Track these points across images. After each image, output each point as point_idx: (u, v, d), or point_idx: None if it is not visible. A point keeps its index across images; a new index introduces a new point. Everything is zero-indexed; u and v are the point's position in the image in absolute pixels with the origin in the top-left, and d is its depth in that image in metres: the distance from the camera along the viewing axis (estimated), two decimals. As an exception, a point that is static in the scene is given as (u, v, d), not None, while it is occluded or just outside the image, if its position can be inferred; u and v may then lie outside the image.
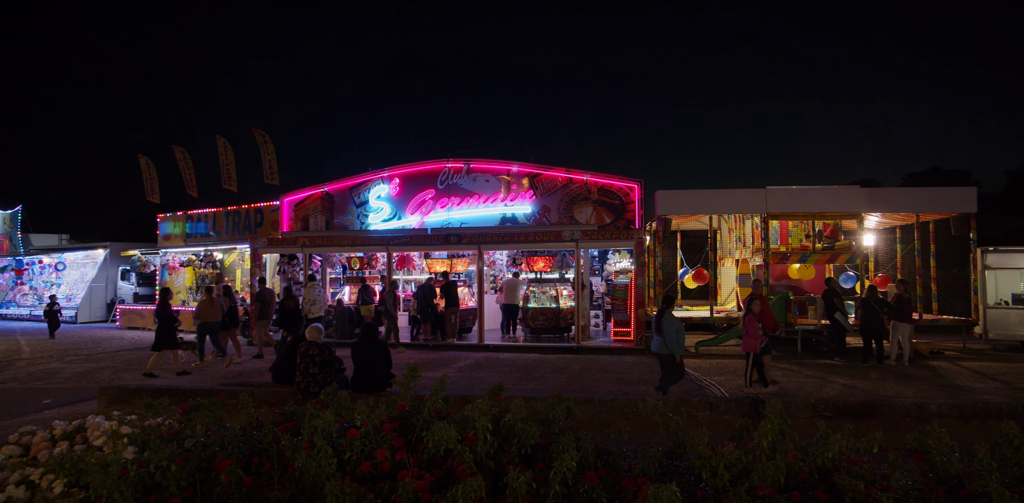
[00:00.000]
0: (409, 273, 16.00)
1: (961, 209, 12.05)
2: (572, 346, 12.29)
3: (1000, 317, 12.17)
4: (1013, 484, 3.01)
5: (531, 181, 14.23)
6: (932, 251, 12.98)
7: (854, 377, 9.14)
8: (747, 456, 3.20)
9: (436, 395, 3.73)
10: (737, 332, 12.00)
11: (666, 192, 12.52)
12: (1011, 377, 9.12)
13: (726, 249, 15.90)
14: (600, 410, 7.31)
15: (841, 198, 12.19)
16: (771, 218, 12.26)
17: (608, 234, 12.74)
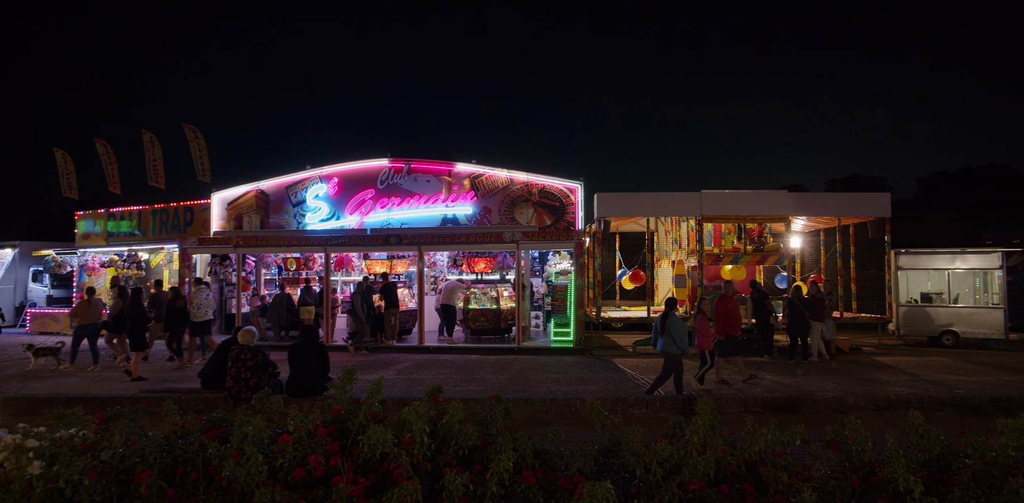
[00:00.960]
0: (348, 274, 15.68)
1: (877, 214, 12.81)
2: (512, 347, 12.34)
3: (910, 314, 13.01)
4: (917, 469, 3.22)
5: (472, 182, 14.21)
6: (852, 253, 13.74)
7: (781, 373, 9.57)
8: (679, 452, 3.28)
9: (372, 398, 3.67)
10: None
11: (605, 195, 12.76)
12: (919, 370, 9.76)
13: (663, 251, 16.34)
14: (539, 410, 7.36)
15: (770, 202, 12.74)
16: (705, 221, 12.68)
17: (549, 235, 12.87)
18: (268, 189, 15.22)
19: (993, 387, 8.33)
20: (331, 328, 13.20)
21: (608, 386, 8.59)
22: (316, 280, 15.08)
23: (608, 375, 9.52)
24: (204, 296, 11.54)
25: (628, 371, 9.74)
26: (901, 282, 13.31)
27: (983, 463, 3.10)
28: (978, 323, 12.52)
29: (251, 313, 13.72)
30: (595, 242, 13.63)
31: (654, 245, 16.46)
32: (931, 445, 3.47)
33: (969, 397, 7.66)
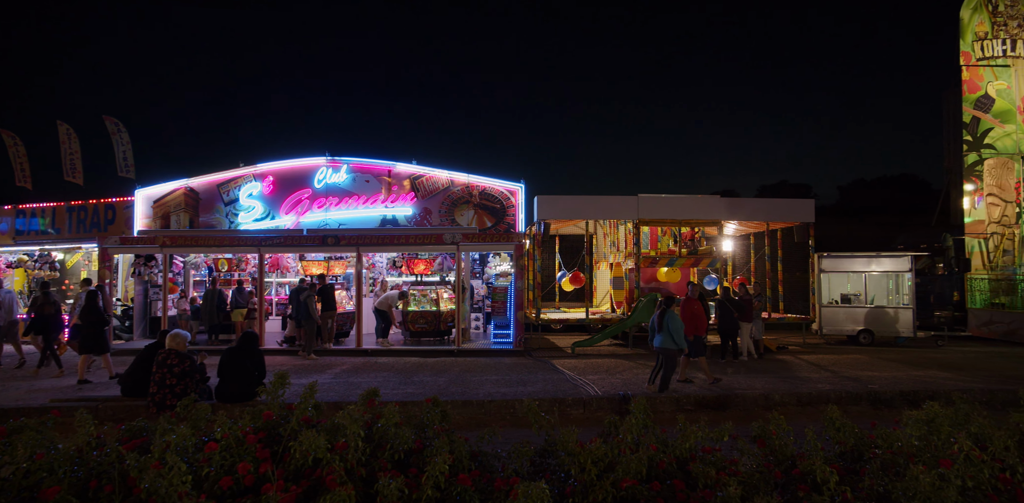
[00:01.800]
0: (283, 276, 15.22)
1: (802, 219, 13.47)
2: (452, 349, 12.28)
3: (831, 315, 13.74)
4: (834, 460, 3.40)
5: (413, 183, 14.08)
6: (779, 256, 14.39)
7: (713, 372, 9.90)
8: (613, 451, 3.35)
9: (306, 402, 3.57)
10: (612, 332, 12.60)
11: (545, 197, 12.89)
12: (839, 367, 10.32)
13: (601, 253, 16.64)
14: (478, 411, 7.36)
15: (704, 206, 13.19)
16: (642, 224, 13.00)
17: (489, 237, 12.89)
18: (198, 187, 14.59)
19: (902, 382, 8.90)
20: (263, 331, 12.78)
21: (547, 387, 8.67)
22: (249, 282, 14.57)
23: (547, 376, 9.60)
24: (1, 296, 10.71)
25: (567, 372, 9.86)
26: (823, 284, 14.03)
27: (891, 452, 3.30)
28: (890, 322, 13.34)
29: (179, 316, 13.11)
30: (535, 244, 13.74)
31: (593, 247, 16.74)
32: (846, 437, 3.67)
33: (881, 391, 8.16)
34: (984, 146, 16.22)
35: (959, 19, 16.36)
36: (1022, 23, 16.37)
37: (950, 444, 3.10)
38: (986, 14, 16.27)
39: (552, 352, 12.50)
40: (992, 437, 3.12)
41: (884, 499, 2.98)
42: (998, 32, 16.25)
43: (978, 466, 2.84)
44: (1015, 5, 16.37)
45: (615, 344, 13.61)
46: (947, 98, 19.06)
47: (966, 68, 16.26)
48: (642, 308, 12.13)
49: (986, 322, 15.04)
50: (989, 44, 16.24)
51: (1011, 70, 16.19)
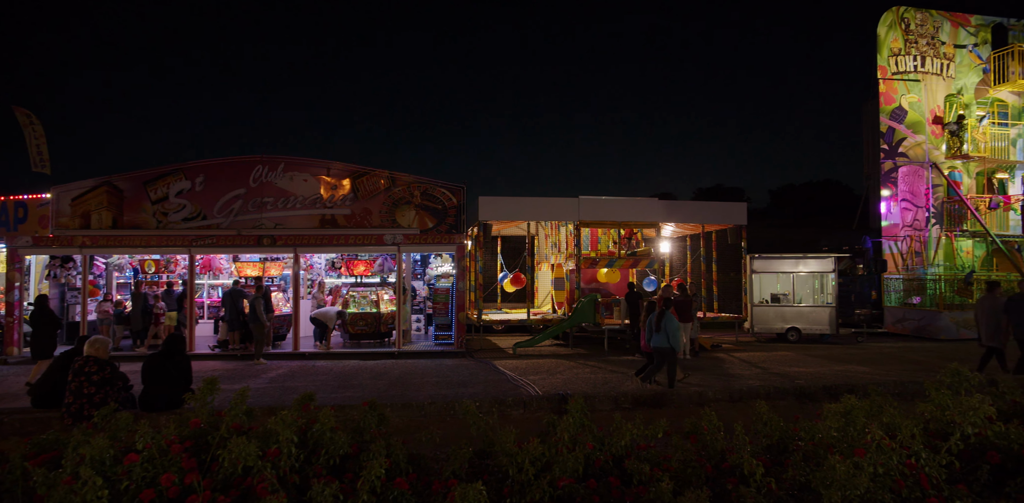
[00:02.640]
0: (216, 277, 14.64)
1: (735, 221, 13.99)
2: (393, 351, 12.13)
3: (762, 313, 14.32)
4: (761, 453, 3.54)
5: (353, 183, 13.82)
6: (714, 257, 14.90)
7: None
8: (550, 450, 3.38)
9: (236, 409, 3.45)
10: (553, 332, 12.73)
11: (488, 198, 12.91)
12: (769, 364, 10.78)
13: (543, 254, 16.79)
14: (418, 414, 7.29)
15: (643, 209, 13.52)
16: (583, 226, 13.20)
17: (431, 238, 12.80)
18: (123, 184, 13.83)
19: (825, 377, 9.37)
20: (193, 335, 12.27)
21: (488, 388, 8.68)
22: (179, 284, 13.94)
23: (488, 377, 9.61)
24: None
25: (508, 373, 9.90)
26: (755, 284, 14.62)
27: (812, 444, 3.47)
28: (816, 320, 14.03)
29: (100, 321, 12.40)
30: (477, 245, 13.75)
31: (535, 249, 16.87)
32: (773, 431, 3.83)
33: (806, 386, 8.57)
34: (898, 155, 17.28)
35: (876, 35, 17.38)
36: (930, 41, 17.55)
37: (864, 434, 3.28)
38: (900, 31, 17.35)
39: (494, 353, 12.51)
40: (901, 426, 3.33)
41: (805, 488, 3.13)
42: (910, 49, 17.37)
43: (888, 453, 3.02)
44: (924, 24, 17.54)
45: (556, 344, 13.76)
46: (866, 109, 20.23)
47: (883, 81, 17.29)
48: (582, 308, 12.31)
49: (900, 319, 16.03)
50: (903, 59, 17.33)
51: (921, 84, 17.33)
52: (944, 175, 17.03)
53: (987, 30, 18.17)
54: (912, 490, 2.99)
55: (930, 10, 17.65)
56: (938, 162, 17.11)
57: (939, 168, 17.05)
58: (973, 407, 3.31)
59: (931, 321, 15.06)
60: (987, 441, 3.34)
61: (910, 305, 16.15)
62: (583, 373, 9.91)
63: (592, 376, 9.61)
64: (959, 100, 17.60)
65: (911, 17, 17.46)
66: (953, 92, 17.62)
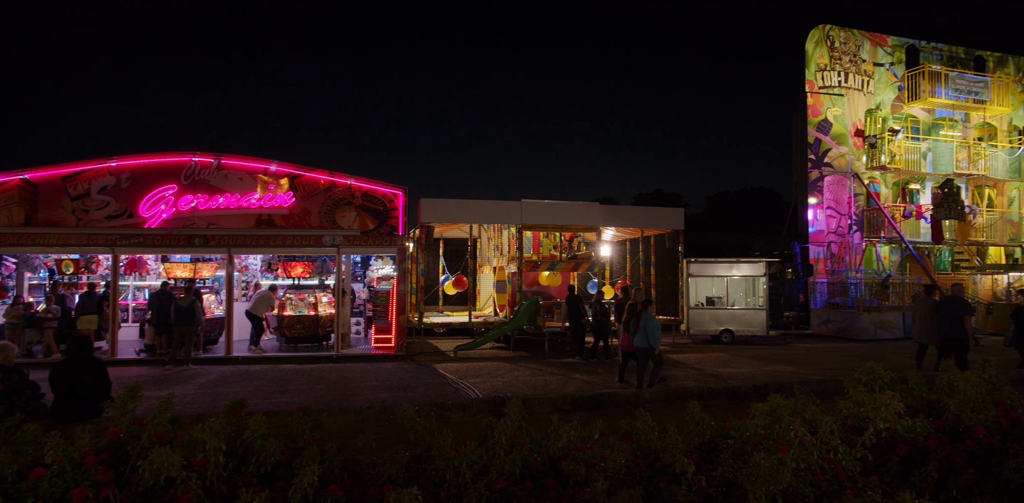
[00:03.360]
0: (142, 278, 13.95)
1: (673, 226, 14.40)
2: (331, 355, 11.86)
3: (698, 316, 14.78)
4: (693, 452, 3.65)
5: (291, 182, 13.45)
6: (653, 261, 15.28)
7: (591, 373, 10.31)
8: (488, 453, 3.38)
9: (160, 417, 3.29)
10: (495, 335, 12.75)
11: (430, 200, 12.82)
12: (703, 365, 11.13)
13: (485, 257, 16.80)
14: (356, 419, 7.16)
15: (584, 213, 13.73)
16: (525, 229, 13.28)
17: (371, 240, 12.60)
18: (37, 179, 12.98)
19: (756, 377, 9.76)
20: (116, 339, 11.64)
21: (428, 391, 8.61)
22: (100, 285, 13.19)
23: (429, 380, 9.54)
24: None
25: (449, 376, 9.85)
26: (691, 287, 15.07)
27: (741, 442, 3.60)
28: (748, 322, 14.60)
29: (9, 325, 11.59)
30: (419, 247, 13.63)
31: (477, 251, 16.87)
32: (704, 430, 3.95)
33: (738, 386, 8.90)
34: (824, 164, 18.22)
35: (805, 51, 18.29)
36: (853, 59, 18.60)
37: (788, 431, 3.44)
38: (825, 48, 18.32)
39: (435, 356, 12.42)
40: (821, 423, 3.50)
41: (733, 485, 3.24)
42: (835, 65, 18.36)
43: (809, 449, 3.17)
44: (847, 43, 18.57)
45: (497, 347, 13.79)
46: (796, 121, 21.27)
47: (810, 95, 18.19)
48: (524, 311, 12.38)
49: (825, 321, 16.87)
50: (828, 75, 18.29)
51: (845, 99, 18.34)
52: (865, 185, 18.05)
53: (902, 50, 19.42)
54: (830, 483, 3.14)
55: (852, 29, 18.71)
56: (859, 172, 18.13)
57: (860, 178, 18.06)
58: (885, 403, 3.51)
59: (852, 322, 15.91)
60: (897, 435, 3.55)
61: (834, 307, 17.01)
62: (524, 376, 9.97)
63: (533, 378, 9.68)
64: (878, 114, 18.72)
65: (836, 35, 18.46)
66: (873, 107, 18.72)
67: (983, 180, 19.91)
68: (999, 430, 3.60)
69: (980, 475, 3.15)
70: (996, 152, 20.00)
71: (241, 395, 7.51)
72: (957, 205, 17.22)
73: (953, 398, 4.21)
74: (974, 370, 4.79)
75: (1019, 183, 20.42)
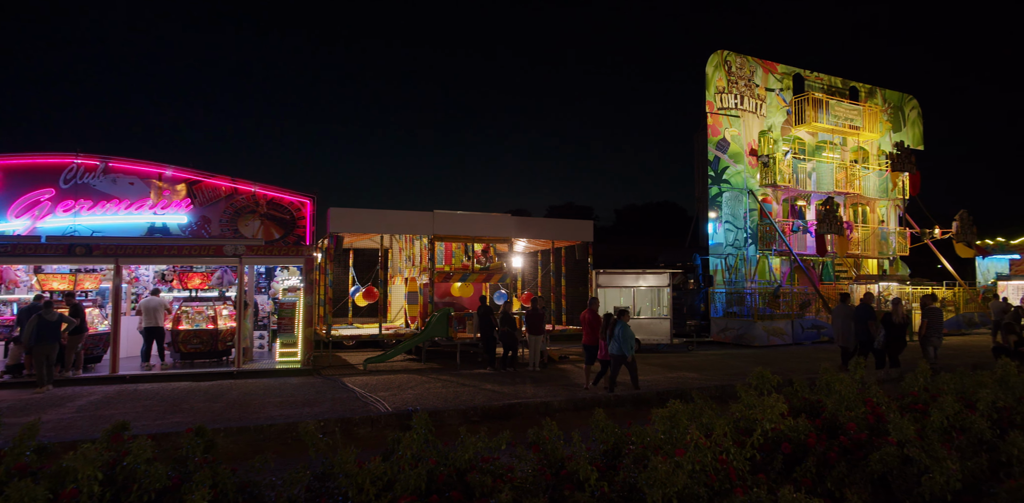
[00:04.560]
0: (11, 291, 12.66)
1: (583, 238, 14.78)
2: (231, 371, 11.23)
3: (606, 325, 15.20)
4: (597, 459, 3.74)
5: (189, 188, 12.70)
6: (564, 272, 15.61)
7: (502, 384, 10.34)
8: (393, 468, 3.32)
9: (21, 446, 2.99)
10: (405, 347, 12.54)
11: (339, 210, 12.49)
12: (611, 373, 11.44)
13: (397, 268, 16.55)
14: (256, 438, 6.81)
15: (496, 224, 13.83)
16: (437, 239, 13.21)
17: (277, 250, 12.10)
18: None
19: (660, 383, 10.16)
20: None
21: (335, 406, 8.33)
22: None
23: (336, 395, 9.23)
24: None
25: (357, 390, 9.58)
26: (601, 298, 15.48)
27: (642, 447, 3.73)
28: (653, 331, 15.19)
29: None
30: (327, 258, 13.23)
31: (388, 262, 16.59)
32: (608, 437, 4.07)
33: (643, 393, 9.23)
34: (723, 181, 19.38)
35: (705, 74, 19.45)
36: (748, 83, 20.00)
37: (685, 435, 3.60)
38: (723, 72, 19.58)
39: (343, 370, 12.05)
40: (716, 426, 3.70)
41: (634, 489, 3.35)
42: (732, 88, 19.66)
43: (703, 451, 3.33)
44: (743, 68, 19.96)
45: (409, 359, 13.57)
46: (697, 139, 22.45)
47: (710, 115, 19.35)
48: (435, 323, 12.28)
49: (723, 329, 17.83)
50: (726, 97, 19.55)
51: (741, 120, 19.64)
52: (759, 201, 19.34)
53: (789, 78, 21.09)
54: (723, 482, 3.32)
55: (747, 56, 20.12)
56: (753, 189, 19.42)
57: (754, 195, 19.34)
58: (771, 405, 3.75)
59: (748, 330, 16.92)
60: (782, 434, 3.81)
61: (732, 315, 18.03)
62: (435, 388, 9.87)
63: (444, 390, 9.59)
64: (770, 135, 20.17)
65: (732, 60, 19.77)
66: (765, 128, 20.16)
67: (858, 198, 21.87)
68: (867, 426, 3.94)
69: (850, 467, 3.43)
70: (868, 173, 22.06)
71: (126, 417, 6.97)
72: (837, 221, 18.80)
73: (830, 398, 4.57)
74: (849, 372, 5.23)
75: (887, 202, 22.59)
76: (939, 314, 11.53)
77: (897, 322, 10.96)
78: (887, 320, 11.10)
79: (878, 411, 4.18)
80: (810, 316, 17.92)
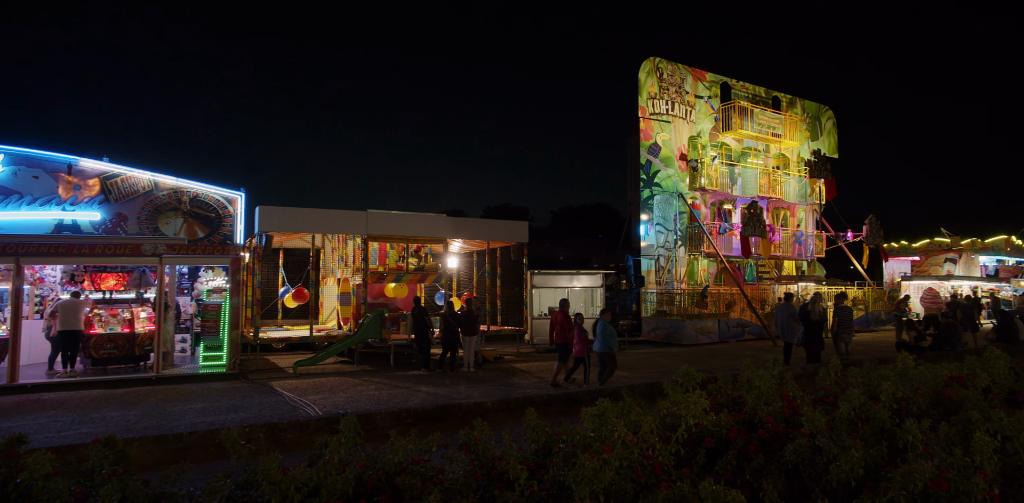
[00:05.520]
0: None
1: (518, 239, 14.88)
2: (150, 376, 10.65)
3: (541, 326, 15.36)
4: (528, 458, 3.76)
5: (104, 183, 11.96)
6: (499, 273, 15.65)
7: (436, 385, 10.27)
8: (319, 473, 3.23)
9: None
10: (337, 349, 12.25)
11: (268, 208, 12.07)
12: (545, 374, 11.57)
13: (329, 268, 16.15)
14: (176, 447, 6.48)
15: (431, 224, 13.72)
16: (371, 240, 12.98)
17: (201, 249, 11.57)
18: None
19: (592, 382, 10.33)
20: None
21: (263, 411, 8.05)
22: None
23: (264, 400, 8.92)
24: None
25: (286, 394, 9.28)
26: (535, 298, 15.64)
27: (572, 445, 3.79)
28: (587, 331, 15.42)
29: None
30: (256, 258, 12.75)
31: (320, 262, 16.16)
32: (539, 436, 4.10)
33: (575, 392, 9.37)
34: (654, 184, 19.95)
35: (638, 79, 19.97)
36: (678, 90, 20.68)
37: (613, 432, 3.68)
38: (655, 79, 20.17)
39: (272, 373, 11.65)
40: (643, 422, 3.79)
41: (563, 487, 3.39)
42: (663, 94, 20.27)
43: (630, 448, 3.41)
44: (674, 75, 20.62)
45: (341, 361, 13.26)
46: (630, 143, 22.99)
47: (643, 120, 19.88)
48: (369, 324, 12.06)
49: (654, 328, 18.35)
50: (658, 103, 20.14)
51: (671, 126, 20.29)
52: (688, 204, 20.02)
53: (717, 86, 21.96)
54: (649, 477, 3.41)
55: (678, 64, 20.80)
56: (683, 192, 20.08)
57: (684, 198, 20.01)
58: (694, 402, 3.89)
59: (677, 329, 17.47)
60: (705, 429, 3.94)
61: (663, 315, 18.58)
62: (367, 390, 9.69)
63: (376, 393, 9.43)
64: (699, 141, 20.92)
65: (664, 67, 20.39)
66: (694, 134, 20.89)
67: (780, 203, 23.01)
68: (784, 419, 4.14)
69: (767, 459, 3.59)
70: (788, 179, 23.25)
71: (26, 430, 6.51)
72: (760, 224, 19.71)
73: (751, 394, 4.77)
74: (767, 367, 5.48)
75: (806, 206, 23.88)
76: (849, 312, 12.29)
77: (815, 320, 11.60)
78: (805, 317, 11.72)
79: (794, 405, 4.40)
80: (736, 315, 18.69)
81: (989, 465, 3.16)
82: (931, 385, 5.10)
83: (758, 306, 18.83)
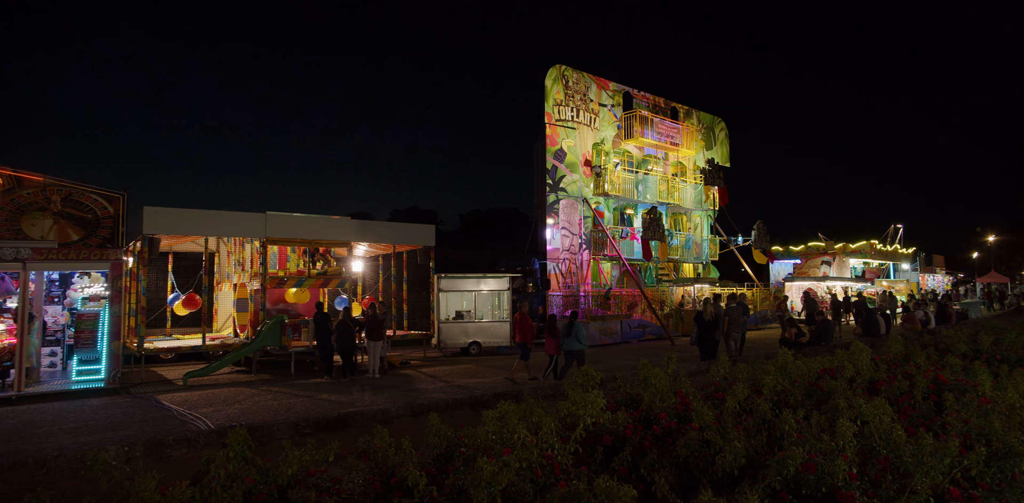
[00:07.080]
0: None
1: (425, 243, 14.74)
2: (10, 396, 9.59)
3: (448, 329, 15.29)
4: (429, 464, 3.72)
5: (-44, 179, 10.69)
6: (405, 277, 15.42)
7: (339, 393, 9.94)
8: (203, 491, 3.04)
9: None
10: (233, 358, 11.59)
11: (155, 209, 11.24)
12: (451, 377, 11.51)
13: (224, 273, 15.28)
14: (38, 473, 5.88)
15: (335, 227, 13.31)
16: (270, 243, 12.41)
17: (75, 254, 10.58)
18: None
19: (499, 385, 10.40)
20: None
21: (146, 428, 7.46)
22: None
23: (148, 415, 8.28)
24: None
25: (174, 408, 8.66)
26: (442, 302, 15.54)
27: (473, 449, 3.78)
28: (494, 334, 15.52)
29: None
30: (140, 262, 11.84)
31: (214, 267, 15.26)
32: (441, 441, 4.07)
33: (481, 395, 9.38)
34: (560, 189, 20.40)
35: (544, 86, 20.38)
36: (583, 97, 21.30)
37: (514, 434, 3.71)
38: (561, 86, 20.66)
39: (159, 386, 10.84)
40: (543, 423, 3.85)
41: (462, 491, 3.38)
42: (569, 101, 20.80)
43: (530, 449, 3.45)
44: (579, 83, 21.22)
45: (237, 371, 12.56)
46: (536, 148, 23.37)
47: (549, 125, 20.28)
48: (267, 331, 11.52)
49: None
50: (564, 109, 20.63)
51: (576, 132, 20.85)
52: (592, 208, 20.62)
53: (620, 95, 22.81)
54: (548, 477, 3.46)
55: (583, 72, 21.41)
56: (588, 197, 20.67)
57: (588, 203, 20.59)
58: (592, 401, 3.99)
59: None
60: (603, 427, 4.06)
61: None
62: (265, 400, 9.23)
63: (275, 403, 9.01)
64: (602, 148, 21.62)
65: (570, 75, 20.92)
66: (598, 141, 21.57)
67: (678, 208, 24.22)
68: (677, 415, 4.34)
69: (661, 453, 3.75)
70: (686, 186, 24.52)
71: None
72: (660, 228, 20.63)
73: (647, 391, 4.97)
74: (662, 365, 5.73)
75: (701, 212, 25.27)
76: (737, 312, 13.09)
77: (707, 320, 12.26)
78: (699, 318, 12.37)
79: (686, 400, 4.62)
80: (637, 316, 19.44)
81: (850, 448, 3.47)
82: (806, 377, 5.53)
83: (658, 307, 19.69)
